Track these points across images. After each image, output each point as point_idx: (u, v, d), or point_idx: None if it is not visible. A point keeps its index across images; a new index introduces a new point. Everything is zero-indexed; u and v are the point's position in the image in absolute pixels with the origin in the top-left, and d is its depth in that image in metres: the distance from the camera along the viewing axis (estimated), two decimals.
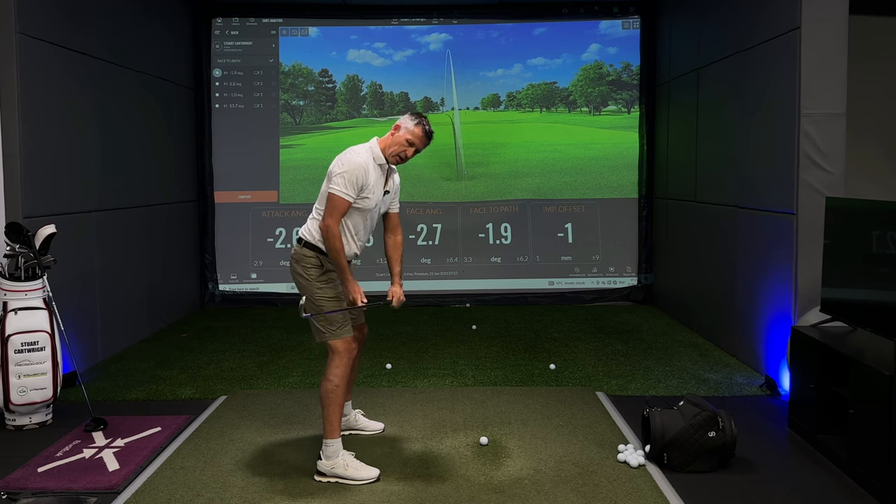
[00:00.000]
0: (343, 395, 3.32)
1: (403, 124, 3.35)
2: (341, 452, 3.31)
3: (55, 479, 3.31)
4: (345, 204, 3.24)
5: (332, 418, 3.29)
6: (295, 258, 3.37)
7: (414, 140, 3.34)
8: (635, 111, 7.49)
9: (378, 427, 3.87)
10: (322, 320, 3.28)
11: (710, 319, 5.76)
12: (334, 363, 3.30)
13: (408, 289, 7.27)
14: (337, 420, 3.30)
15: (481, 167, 7.58)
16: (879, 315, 3.34)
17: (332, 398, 3.28)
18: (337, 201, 3.23)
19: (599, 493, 3.13)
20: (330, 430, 3.30)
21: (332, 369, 3.29)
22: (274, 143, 7.48)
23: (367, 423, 3.85)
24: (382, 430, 3.87)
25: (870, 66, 5.10)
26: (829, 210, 3.83)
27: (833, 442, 3.48)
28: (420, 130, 3.33)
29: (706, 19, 5.83)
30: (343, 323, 3.32)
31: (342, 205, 3.23)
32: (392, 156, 3.36)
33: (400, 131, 3.35)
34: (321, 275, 3.33)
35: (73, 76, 4.99)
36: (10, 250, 4.00)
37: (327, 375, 3.29)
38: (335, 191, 3.22)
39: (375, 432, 3.83)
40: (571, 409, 4.19)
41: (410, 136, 3.33)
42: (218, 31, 7.39)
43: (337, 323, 3.30)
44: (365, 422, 3.86)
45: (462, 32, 7.53)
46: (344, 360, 3.30)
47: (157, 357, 5.43)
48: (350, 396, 3.79)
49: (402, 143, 3.34)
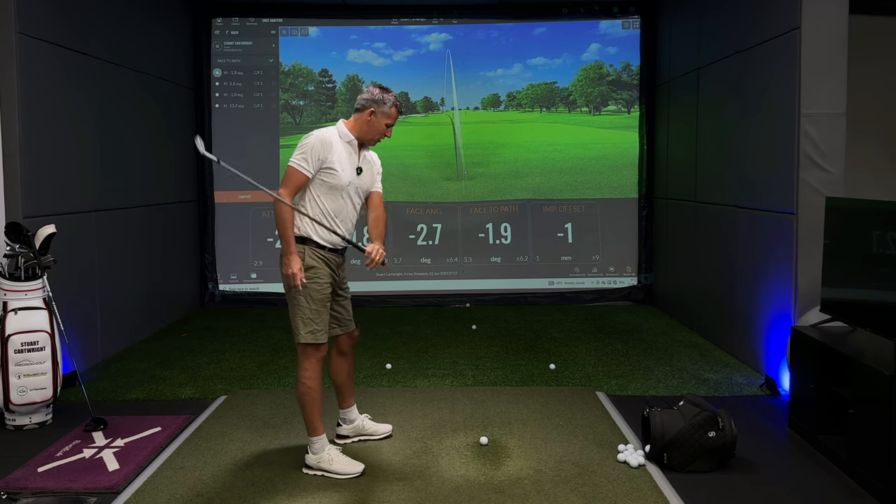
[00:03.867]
0: (318, 394, 3.33)
1: (382, 107, 3.32)
2: (327, 447, 3.36)
3: (55, 479, 3.31)
4: (300, 176, 3.21)
5: (312, 418, 3.34)
6: (281, 252, 3.31)
7: (391, 122, 3.38)
8: (635, 111, 7.49)
9: (386, 429, 3.80)
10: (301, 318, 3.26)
11: (710, 319, 5.76)
12: (304, 366, 3.30)
13: (408, 289, 7.37)
14: (317, 418, 3.34)
15: (481, 167, 7.58)
16: (879, 315, 3.34)
17: (308, 399, 3.31)
18: (291, 173, 3.22)
19: (599, 493, 3.13)
20: (312, 429, 3.35)
21: (302, 372, 3.30)
22: (274, 143, 7.48)
23: (375, 428, 3.78)
24: (391, 432, 3.80)
25: (870, 66, 5.10)
26: (829, 210, 3.83)
27: (833, 442, 3.48)
28: (395, 111, 3.37)
29: (706, 19, 5.83)
30: (320, 328, 3.28)
31: (297, 177, 3.21)
32: (371, 140, 3.39)
33: (378, 116, 3.33)
34: (309, 270, 3.26)
35: (73, 76, 4.99)
36: (10, 250, 4.00)
37: (300, 378, 3.31)
38: (292, 163, 3.22)
39: (385, 435, 3.77)
40: (571, 409, 4.19)
41: (388, 119, 3.36)
42: (218, 31, 7.39)
43: (311, 326, 3.26)
44: (373, 426, 3.78)
45: (462, 32, 7.53)
46: (313, 363, 3.30)
47: (157, 357, 5.43)
48: (352, 402, 3.73)
49: (381, 129, 3.36)
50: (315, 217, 3.26)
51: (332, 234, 3.31)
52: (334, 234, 3.31)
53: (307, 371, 3.29)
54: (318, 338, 3.28)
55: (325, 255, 3.32)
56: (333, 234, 3.30)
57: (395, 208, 7.24)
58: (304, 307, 3.27)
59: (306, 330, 3.26)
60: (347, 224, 3.38)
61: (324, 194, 3.29)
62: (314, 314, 3.27)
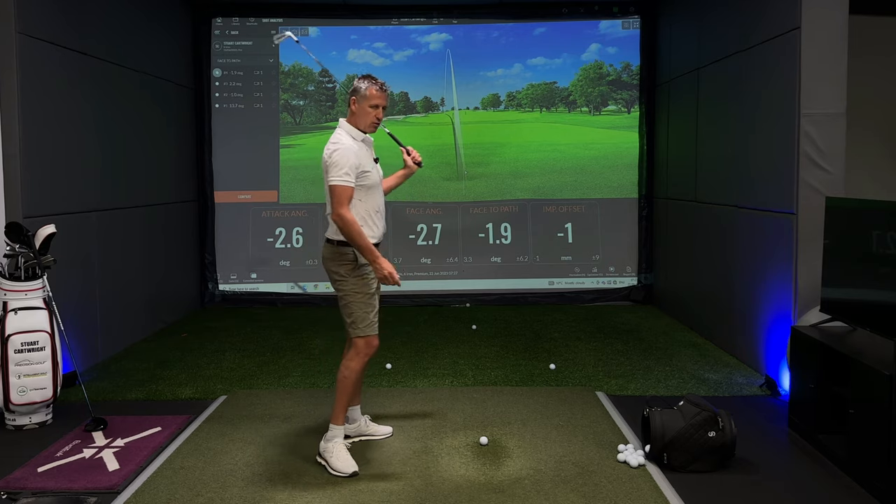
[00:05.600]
0: (353, 386, 3.46)
1: (359, 93, 3.42)
2: (337, 439, 3.43)
3: (55, 479, 3.31)
4: (349, 191, 3.30)
5: (338, 405, 3.46)
6: (329, 256, 3.44)
7: (375, 101, 3.42)
8: (635, 111, 7.49)
9: (386, 431, 3.85)
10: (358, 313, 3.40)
11: (710, 319, 5.76)
12: (350, 356, 3.46)
13: (407, 289, 7.36)
14: (341, 408, 3.45)
15: (481, 167, 7.58)
16: (879, 315, 3.34)
17: (341, 387, 3.44)
18: (340, 191, 3.28)
19: (599, 493, 3.13)
20: (335, 417, 3.46)
21: (347, 361, 3.46)
22: (274, 143, 7.48)
23: (375, 429, 3.84)
24: (391, 433, 3.84)
25: (870, 66, 5.10)
26: (829, 210, 3.83)
27: (833, 442, 3.48)
28: (374, 90, 3.42)
29: (706, 19, 5.83)
30: (372, 321, 3.43)
31: (346, 192, 3.29)
32: (368, 126, 3.46)
33: (361, 102, 3.42)
34: (354, 269, 3.39)
35: (73, 76, 4.99)
36: (10, 250, 4.00)
37: (345, 365, 3.47)
38: (336, 182, 3.28)
39: (385, 436, 3.81)
40: (571, 409, 4.19)
41: (370, 101, 3.42)
42: (218, 30, 7.39)
43: (367, 320, 3.41)
44: (374, 427, 3.84)
45: (462, 32, 7.53)
46: (361, 356, 3.45)
47: (157, 357, 5.43)
48: (359, 401, 3.82)
49: (367, 111, 3.43)
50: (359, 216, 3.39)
51: (373, 230, 3.45)
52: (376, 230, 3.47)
53: (353, 362, 3.44)
54: (375, 329, 3.44)
55: None
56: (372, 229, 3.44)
57: (395, 208, 7.24)
58: (361, 303, 3.40)
59: (362, 324, 3.41)
60: (382, 210, 3.53)
61: (364, 195, 3.42)
62: (370, 308, 3.43)
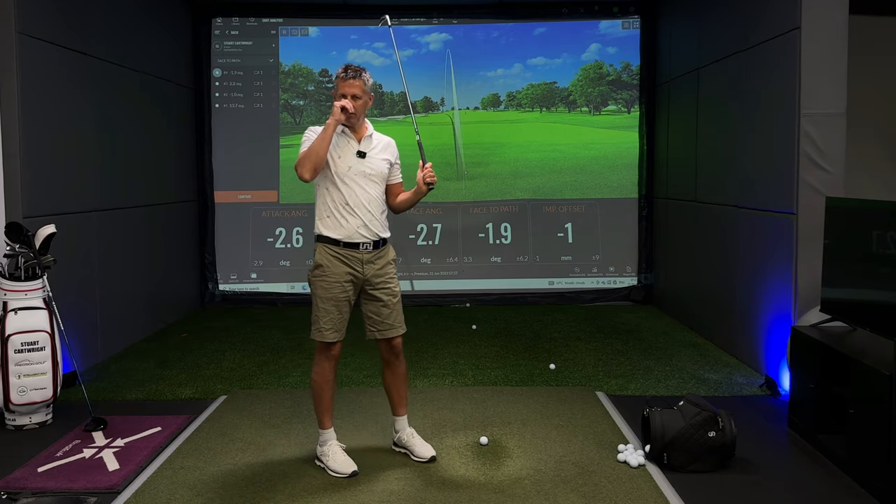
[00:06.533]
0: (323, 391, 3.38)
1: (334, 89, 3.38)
2: (329, 442, 3.43)
3: (55, 479, 3.31)
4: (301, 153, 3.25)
5: (317, 412, 3.45)
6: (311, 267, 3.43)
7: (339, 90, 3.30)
8: (635, 111, 7.49)
9: (424, 454, 3.47)
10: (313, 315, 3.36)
11: (710, 319, 5.76)
12: (314, 360, 3.42)
13: (407, 288, 7.34)
14: (322, 413, 3.42)
15: (481, 167, 7.58)
16: (879, 315, 3.34)
17: (314, 393, 3.43)
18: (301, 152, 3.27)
19: (599, 493, 3.13)
20: (318, 422, 3.46)
21: (313, 366, 3.44)
22: (274, 143, 7.48)
23: (414, 446, 3.51)
24: (429, 458, 3.46)
25: (870, 66, 5.10)
26: (829, 210, 3.83)
27: (833, 442, 3.48)
28: (338, 78, 3.32)
29: (706, 19, 5.83)
30: (325, 327, 3.30)
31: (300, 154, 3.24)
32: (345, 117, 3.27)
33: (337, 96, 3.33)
34: (316, 269, 3.34)
35: (73, 76, 4.99)
36: (10, 250, 4.00)
37: (312, 373, 3.44)
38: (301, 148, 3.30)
39: (420, 459, 3.47)
40: (571, 409, 4.19)
41: (335, 89, 3.34)
42: (218, 30, 7.39)
43: (317, 324, 3.33)
44: (414, 443, 3.53)
45: (462, 32, 7.53)
46: (320, 359, 3.37)
47: (157, 357, 5.43)
48: (402, 412, 3.57)
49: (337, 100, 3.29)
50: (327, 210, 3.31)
51: (341, 227, 3.30)
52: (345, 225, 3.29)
53: (315, 366, 3.41)
54: (323, 336, 3.32)
55: (339, 252, 3.31)
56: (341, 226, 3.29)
57: None
58: (314, 305, 3.35)
59: (313, 327, 3.36)
60: (364, 212, 3.32)
61: (331, 185, 3.32)
62: (322, 312, 3.32)
